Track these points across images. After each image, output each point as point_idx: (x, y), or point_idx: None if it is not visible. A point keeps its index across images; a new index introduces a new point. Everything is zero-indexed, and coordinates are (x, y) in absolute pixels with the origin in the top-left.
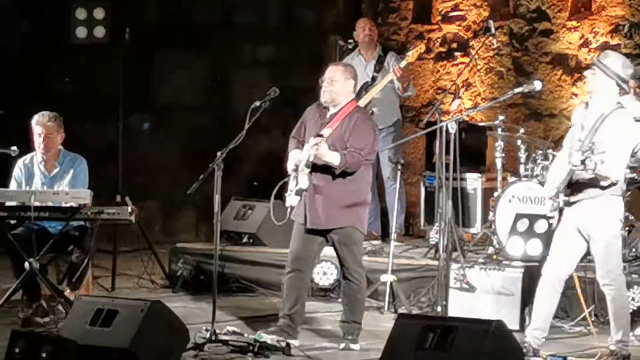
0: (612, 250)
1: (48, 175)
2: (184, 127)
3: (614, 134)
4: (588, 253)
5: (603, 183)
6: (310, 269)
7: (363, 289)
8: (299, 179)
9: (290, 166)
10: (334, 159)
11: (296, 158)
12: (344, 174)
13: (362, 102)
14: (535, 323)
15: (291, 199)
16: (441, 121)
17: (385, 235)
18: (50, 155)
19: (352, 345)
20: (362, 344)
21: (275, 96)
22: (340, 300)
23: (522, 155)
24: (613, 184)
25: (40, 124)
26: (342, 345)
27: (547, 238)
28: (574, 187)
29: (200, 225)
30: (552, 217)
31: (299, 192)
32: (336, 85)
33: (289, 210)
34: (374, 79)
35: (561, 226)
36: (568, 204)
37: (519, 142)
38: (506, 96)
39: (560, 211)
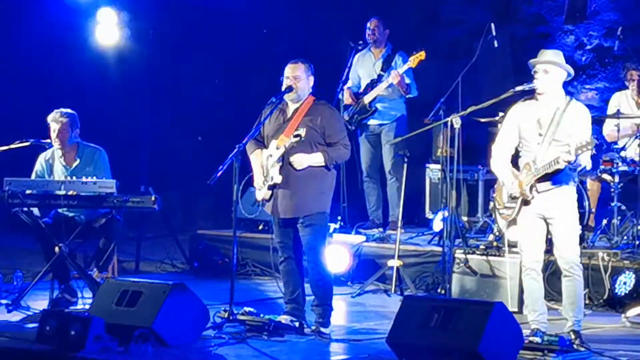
0: (574, 233)
1: (69, 168)
2: (204, 120)
3: (578, 125)
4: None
5: (572, 173)
6: (298, 254)
7: (328, 272)
8: (270, 174)
9: (256, 164)
10: (316, 160)
11: (264, 156)
12: (311, 168)
13: (367, 99)
14: (533, 309)
15: (262, 193)
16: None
17: (385, 224)
18: (68, 149)
19: (321, 328)
20: (370, 324)
21: (289, 92)
22: (349, 283)
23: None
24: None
25: (54, 120)
26: (313, 327)
27: None
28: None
29: (219, 214)
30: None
31: (271, 187)
32: (300, 82)
33: (261, 203)
34: (380, 77)
35: (525, 216)
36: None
37: None
38: (507, 93)
39: (525, 202)
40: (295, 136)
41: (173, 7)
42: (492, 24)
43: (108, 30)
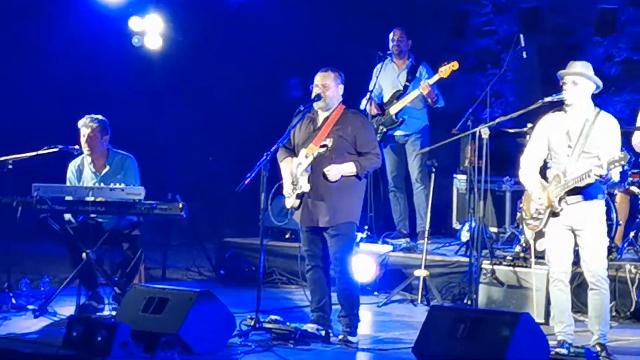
0: (602, 246)
1: (99, 174)
2: (232, 129)
3: (608, 137)
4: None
5: (602, 186)
6: (326, 262)
7: (355, 282)
8: (299, 183)
9: (285, 172)
10: (349, 170)
11: (294, 164)
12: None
13: (393, 110)
14: (560, 320)
15: (291, 201)
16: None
17: (413, 234)
18: (98, 155)
19: (348, 337)
20: (396, 334)
21: (318, 101)
22: (375, 293)
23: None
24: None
25: (84, 125)
26: (340, 337)
27: None
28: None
29: (245, 223)
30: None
31: (299, 195)
32: (329, 91)
33: (290, 211)
34: (405, 88)
35: (553, 227)
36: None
37: None
38: (536, 104)
39: (554, 214)
40: (322, 146)
41: (201, 16)
42: (522, 35)
43: (139, 38)
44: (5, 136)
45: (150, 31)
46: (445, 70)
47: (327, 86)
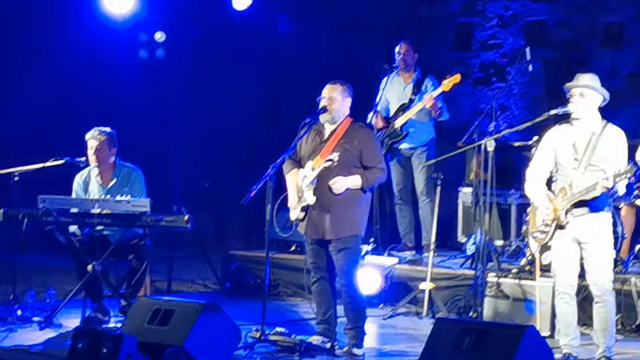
0: (608, 259)
1: (106, 187)
2: (238, 141)
3: (614, 150)
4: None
5: (608, 199)
6: (331, 275)
7: (360, 295)
8: (304, 195)
9: (291, 184)
10: (354, 183)
11: (299, 176)
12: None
13: (398, 123)
14: (566, 333)
15: (296, 213)
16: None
17: (418, 247)
18: (105, 168)
19: (354, 350)
20: (402, 347)
21: (324, 113)
22: (380, 306)
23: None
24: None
25: (92, 137)
26: (345, 349)
27: None
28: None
29: (250, 235)
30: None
31: (304, 208)
32: (335, 103)
33: (294, 223)
34: (411, 101)
35: (559, 240)
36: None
37: None
38: (542, 117)
39: (560, 226)
40: (327, 160)
41: (209, 29)
42: (528, 48)
43: (144, 50)
44: (11, 148)
45: (158, 43)
46: (447, 83)
47: (334, 99)
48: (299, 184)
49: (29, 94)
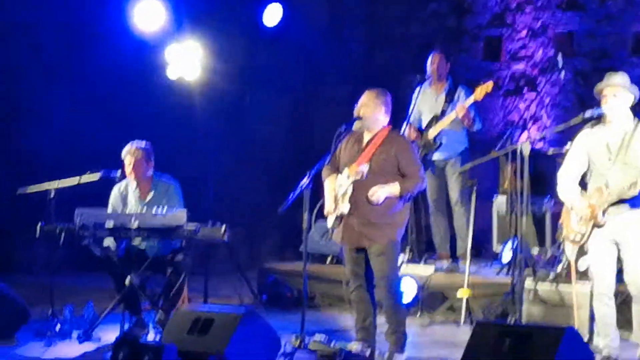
0: None
1: (143, 200)
2: (268, 160)
3: None
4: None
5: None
6: (369, 282)
7: (401, 300)
8: (339, 204)
9: (329, 190)
10: (392, 191)
11: (336, 184)
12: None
13: (431, 133)
14: (605, 334)
15: (332, 219)
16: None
17: (454, 256)
18: (143, 182)
19: (396, 356)
20: (440, 353)
21: (358, 121)
22: (418, 313)
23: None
24: None
25: (129, 152)
26: (386, 355)
27: None
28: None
29: (284, 251)
30: None
31: (339, 216)
32: (369, 110)
33: (330, 230)
34: (443, 111)
35: (596, 240)
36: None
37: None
38: (576, 119)
39: (597, 227)
40: (358, 173)
41: (240, 45)
42: (560, 54)
43: (178, 65)
44: (45, 163)
45: (188, 60)
46: (479, 92)
47: (367, 105)
48: (336, 191)
49: (63, 110)
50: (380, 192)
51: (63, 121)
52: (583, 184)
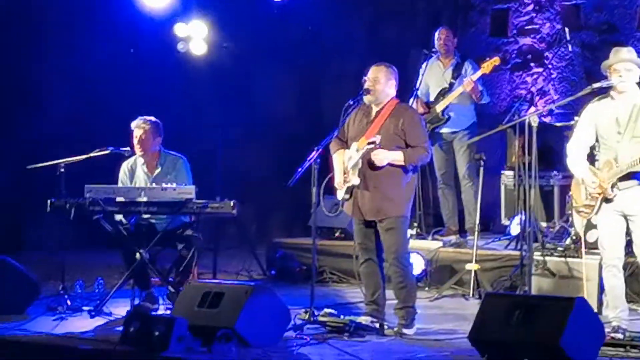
0: None
1: (151, 175)
2: (276, 135)
3: None
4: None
5: None
6: (379, 256)
7: (410, 274)
8: (349, 176)
9: (337, 164)
10: (396, 157)
11: (345, 156)
12: (390, 169)
13: (439, 107)
14: (615, 305)
15: (341, 193)
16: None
17: (462, 230)
18: (150, 156)
19: (404, 330)
20: (449, 326)
21: (367, 95)
22: (426, 288)
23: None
24: None
25: (137, 126)
26: (396, 329)
27: None
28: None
29: (293, 226)
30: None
31: (349, 189)
32: (379, 85)
33: (340, 203)
34: (451, 85)
35: (605, 213)
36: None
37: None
38: (585, 90)
39: (606, 200)
40: (370, 143)
41: (247, 19)
42: (567, 29)
43: (186, 42)
44: (55, 141)
45: (195, 36)
46: (487, 66)
47: (377, 80)
48: (345, 164)
49: (71, 86)
50: (382, 155)
51: (72, 98)
52: (592, 159)
